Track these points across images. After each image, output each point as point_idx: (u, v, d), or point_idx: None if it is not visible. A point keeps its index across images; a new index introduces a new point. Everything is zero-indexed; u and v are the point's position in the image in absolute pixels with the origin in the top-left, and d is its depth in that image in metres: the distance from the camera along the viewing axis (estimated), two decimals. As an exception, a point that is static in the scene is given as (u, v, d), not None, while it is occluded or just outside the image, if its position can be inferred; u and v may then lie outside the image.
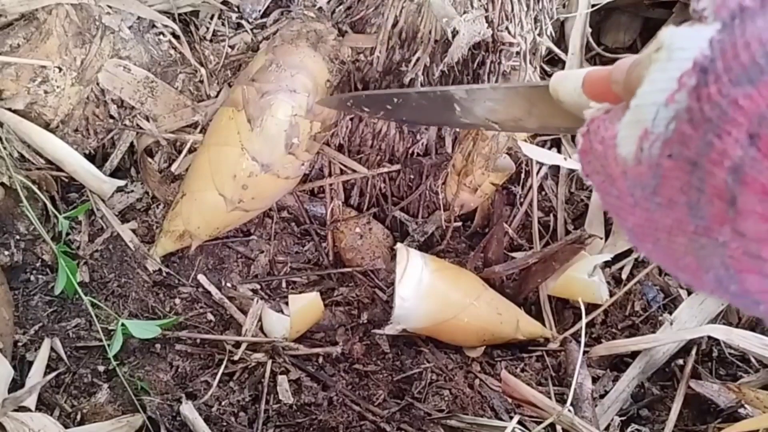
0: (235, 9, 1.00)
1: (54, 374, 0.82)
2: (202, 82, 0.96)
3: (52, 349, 0.84)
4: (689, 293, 0.98)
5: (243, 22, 1.00)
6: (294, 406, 0.85)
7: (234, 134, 0.84)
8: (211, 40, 0.99)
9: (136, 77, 0.93)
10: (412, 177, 0.98)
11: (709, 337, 0.92)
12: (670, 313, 0.95)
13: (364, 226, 0.99)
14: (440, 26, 0.77)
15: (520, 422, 0.81)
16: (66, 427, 0.77)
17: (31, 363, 0.83)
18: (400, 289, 0.86)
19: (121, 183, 0.94)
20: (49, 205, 0.88)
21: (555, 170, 1.09)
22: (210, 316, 0.91)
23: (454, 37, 0.76)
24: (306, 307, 0.90)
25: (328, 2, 0.90)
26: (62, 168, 0.92)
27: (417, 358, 0.91)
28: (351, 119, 0.91)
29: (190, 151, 0.95)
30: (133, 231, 0.93)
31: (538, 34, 0.85)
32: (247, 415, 0.84)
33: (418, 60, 0.81)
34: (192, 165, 0.91)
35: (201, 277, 0.93)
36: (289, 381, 0.86)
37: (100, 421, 0.79)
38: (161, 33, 0.96)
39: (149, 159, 0.96)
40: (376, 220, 1.01)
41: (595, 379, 0.91)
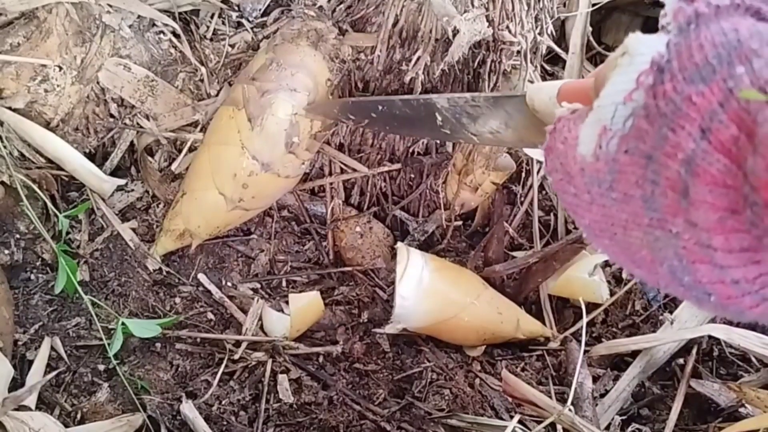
0: (236, 8, 1.00)
1: (54, 373, 0.82)
2: (202, 81, 0.96)
3: (53, 348, 0.84)
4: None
5: (243, 20, 1.00)
6: (294, 405, 0.85)
7: (234, 133, 0.84)
8: (211, 39, 0.99)
9: (136, 76, 0.93)
10: (412, 176, 0.98)
11: (710, 337, 0.92)
12: (671, 313, 0.95)
13: (365, 225, 0.99)
14: (441, 25, 0.77)
15: (520, 421, 0.81)
16: (66, 426, 0.77)
17: (31, 362, 0.82)
18: (400, 289, 0.86)
19: (122, 182, 0.94)
20: (50, 204, 0.88)
21: (555, 169, 1.09)
22: (210, 315, 0.91)
23: (454, 36, 0.76)
24: (306, 306, 0.90)
25: (329, 1, 0.90)
26: (62, 167, 0.92)
27: (417, 357, 0.91)
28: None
29: (191, 150, 0.95)
30: (134, 230, 0.93)
31: (539, 33, 0.85)
32: (247, 414, 0.84)
33: (418, 59, 0.81)
34: (192, 164, 0.91)
35: (201, 276, 0.93)
36: (289, 380, 0.86)
37: (100, 420, 0.79)
38: (161, 32, 0.96)
39: (149, 158, 0.96)
40: (376, 219, 1.01)
41: (595, 379, 0.91)
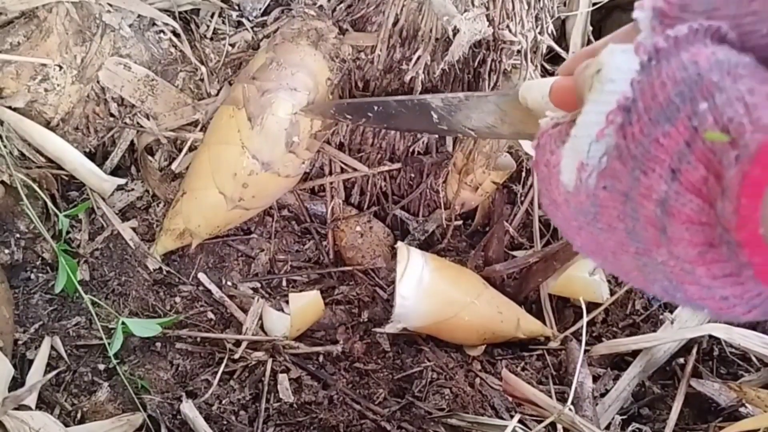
0: (236, 7, 1.00)
1: (54, 373, 0.82)
2: (202, 80, 0.96)
3: (53, 347, 0.84)
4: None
5: (243, 20, 1.00)
6: (294, 405, 0.85)
7: (234, 132, 0.84)
8: (211, 39, 0.99)
9: (136, 75, 0.93)
10: (412, 175, 0.98)
11: (710, 336, 0.92)
12: (671, 312, 0.95)
13: (365, 225, 0.99)
14: (441, 25, 0.77)
15: (520, 421, 0.81)
16: (66, 425, 0.77)
17: (31, 361, 0.82)
18: (400, 288, 0.86)
19: (122, 181, 0.94)
20: (50, 204, 0.88)
21: (556, 169, 1.09)
22: (210, 315, 0.91)
23: (455, 35, 0.76)
24: (306, 305, 0.90)
25: (329, 0, 0.90)
26: (62, 166, 0.92)
27: (417, 356, 0.91)
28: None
29: (191, 149, 0.95)
30: (134, 229, 0.93)
31: (539, 33, 0.85)
32: (247, 413, 0.84)
33: (418, 58, 0.81)
34: (192, 163, 0.91)
35: (201, 276, 0.93)
36: (289, 380, 0.86)
37: (100, 420, 0.79)
38: (162, 31, 0.96)
39: (149, 157, 0.96)
40: (376, 219, 1.01)
41: (595, 378, 0.91)
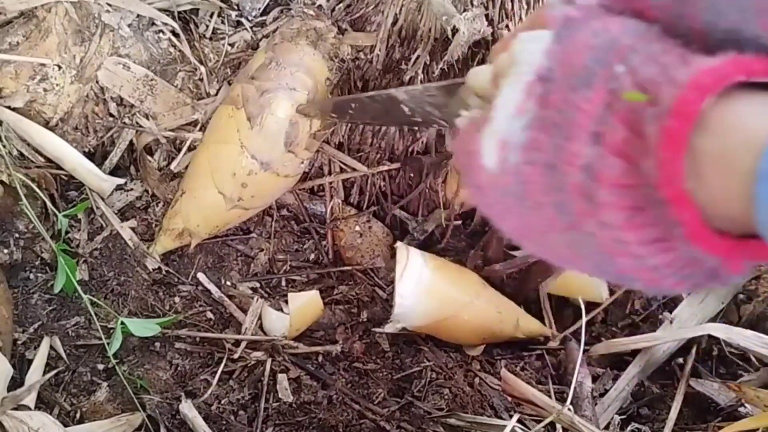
0: (235, 7, 1.00)
1: (53, 372, 0.82)
2: (201, 80, 0.96)
3: (52, 347, 0.84)
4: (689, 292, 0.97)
5: (243, 20, 1.00)
6: (294, 405, 0.85)
7: (233, 132, 0.84)
8: (210, 38, 0.99)
9: (135, 75, 0.93)
10: (412, 175, 0.98)
11: (710, 336, 0.92)
12: (670, 312, 0.95)
13: (364, 225, 0.99)
14: (440, 24, 0.77)
15: (519, 421, 0.81)
16: (65, 425, 0.77)
17: (30, 361, 0.82)
18: (399, 288, 0.86)
19: (121, 181, 0.94)
20: (49, 204, 0.88)
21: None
22: (209, 315, 0.91)
23: (454, 35, 0.76)
24: (306, 305, 0.90)
25: (328, 0, 0.90)
26: (62, 166, 0.92)
27: (417, 356, 0.91)
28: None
29: (190, 149, 0.95)
30: (133, 229, 0.93)
31: (539, 32, 0.85)
32: (246, 413, 0.84)
33: (417, 58, 0.81)
34: (191, 163, 0.91)
35: (200, 276, 0.93)
36: (288, 379, 0.86)
37: (99, 420, 0.79)
38: (161, 31, 0.96)
39: (149, 157, 0.96)
40: (375, 219, 1.01)
41: (595, 378, 0.91)
